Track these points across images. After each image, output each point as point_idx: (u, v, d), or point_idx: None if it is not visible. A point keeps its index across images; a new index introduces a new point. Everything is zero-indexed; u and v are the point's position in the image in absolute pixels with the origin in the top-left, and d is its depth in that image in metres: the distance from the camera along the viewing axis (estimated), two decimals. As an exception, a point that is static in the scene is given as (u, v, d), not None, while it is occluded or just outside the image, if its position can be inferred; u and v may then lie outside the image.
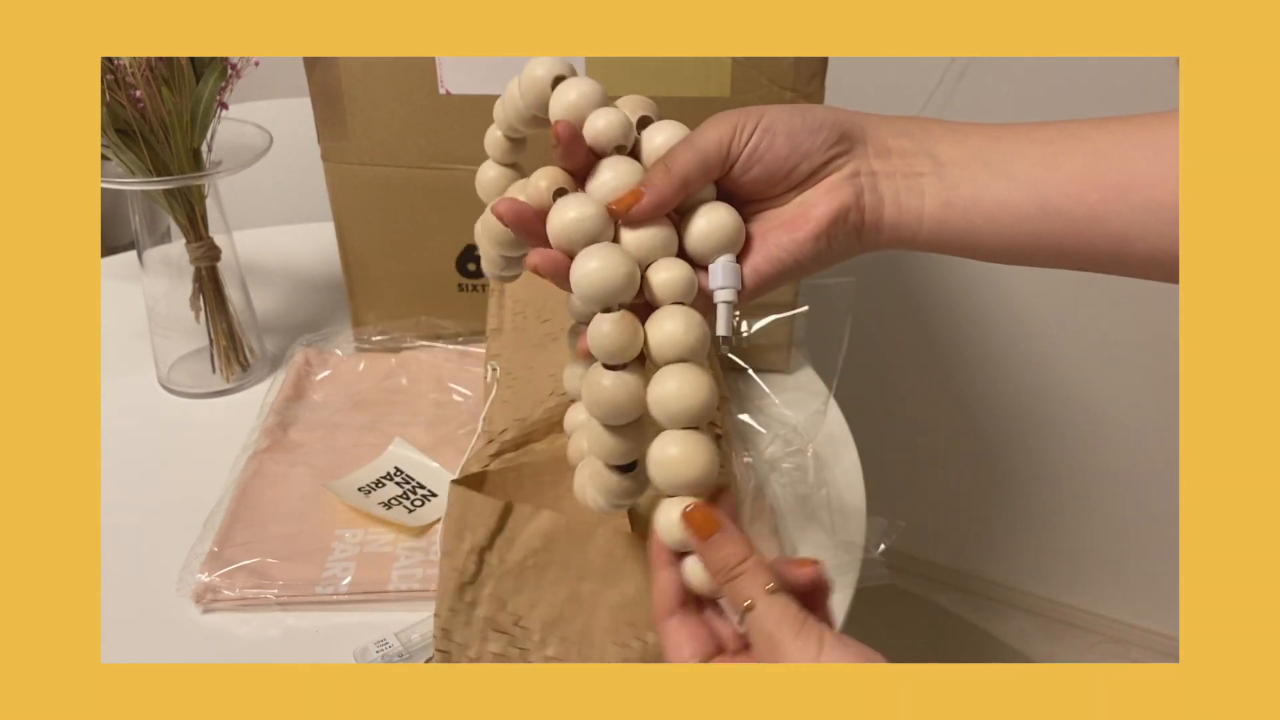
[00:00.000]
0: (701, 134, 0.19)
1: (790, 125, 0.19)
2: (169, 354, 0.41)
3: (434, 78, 0.36)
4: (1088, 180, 0.17)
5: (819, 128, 0.19)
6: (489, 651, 0.25)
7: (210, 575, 0.30)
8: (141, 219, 0.38)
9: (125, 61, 0.32)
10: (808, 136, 0.19)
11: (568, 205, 0.19)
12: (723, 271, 0.19)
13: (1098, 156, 0.17)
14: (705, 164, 0.19)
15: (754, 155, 0.19)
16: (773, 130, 0.19)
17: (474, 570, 0.26)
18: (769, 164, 0.19)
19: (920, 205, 0.19)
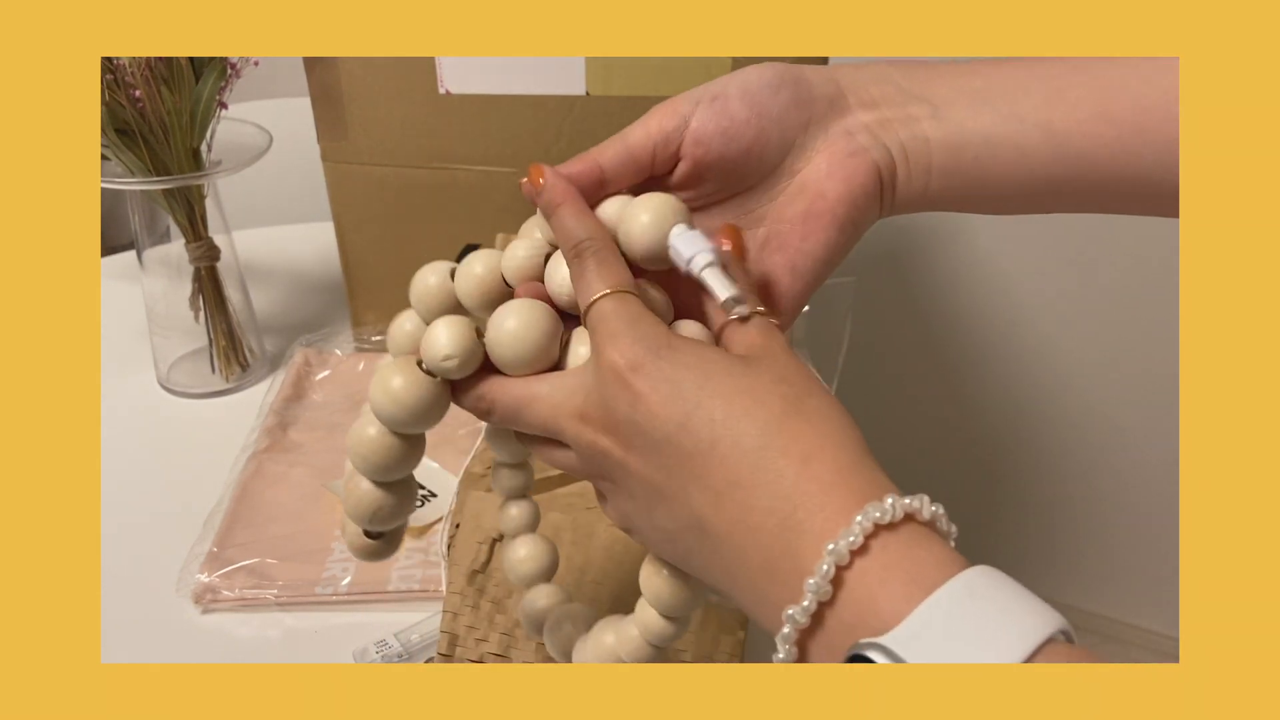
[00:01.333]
0: (634, 124, 0.17)
1: (744, 86, 0.16)
2: (168, 354, 0.41)
3: (434, 77, 0.36)
4: (1104, 119, 0.16)
5: (778, 85, 0.16)
6: (495, 635, 0.25)
7: (210, 575, 0.30)
8: (141, 219, 0.38)
9: (125, 61, 0.32)
10: (768, 96, 0.16)
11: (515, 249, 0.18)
12: (681, 242, 0.15)
13: (1111, 93, 0.16)
14: (630, 154, 0.17)
15: (705, 133, 0.16)
16: (724, 97, 0.16)
17: (485, 559, 0.26)
18: (730, 137, 0.16)
19: (927, 155, 0.16)
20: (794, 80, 0.17)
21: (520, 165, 0.38)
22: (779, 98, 0.16)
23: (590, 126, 0.37)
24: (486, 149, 0.38)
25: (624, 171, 0.17)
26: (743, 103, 0.16)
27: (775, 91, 0.16)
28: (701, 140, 0.17)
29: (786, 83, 0.16)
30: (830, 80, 0.17)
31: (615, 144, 0.17)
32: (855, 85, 0.17)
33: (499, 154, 0.38)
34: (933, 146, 0.17)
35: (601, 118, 0.36)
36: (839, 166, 0.16)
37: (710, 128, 0.16)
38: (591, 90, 0.36)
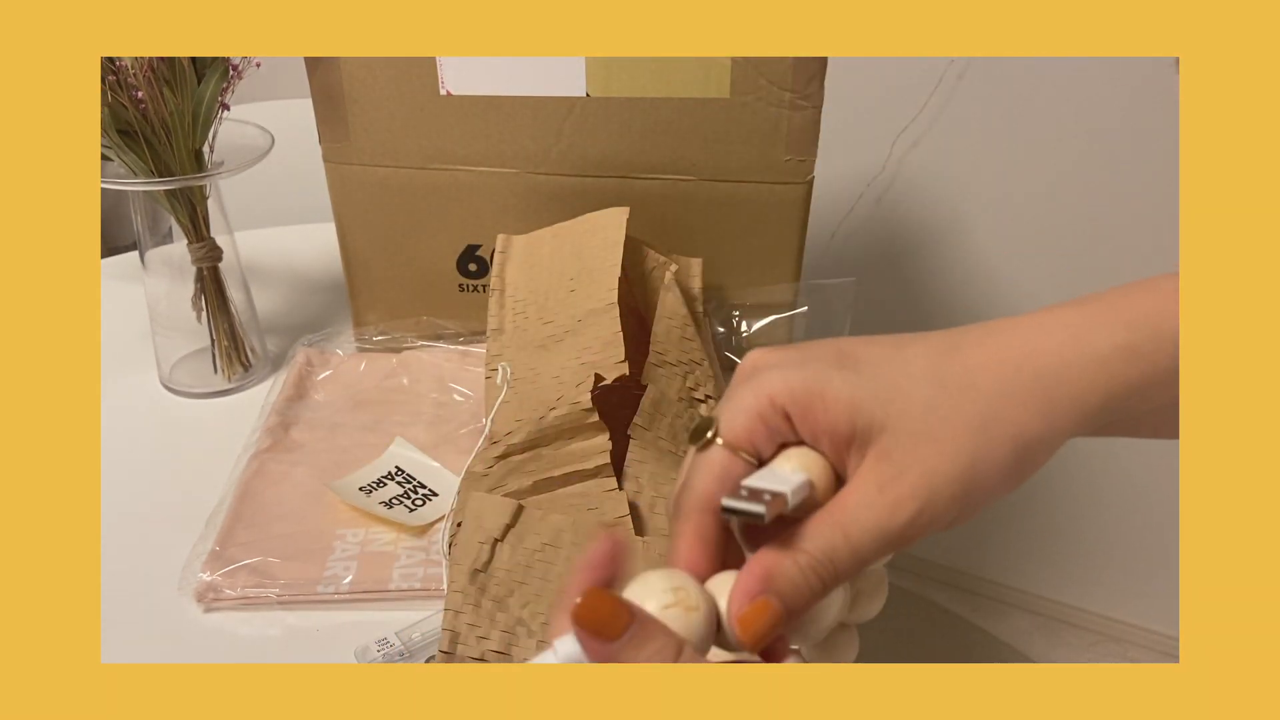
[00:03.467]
0: (895, 506, 0.15)
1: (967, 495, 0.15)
2: (171, 354, 0.41)
3: (435, 78, 0.36)
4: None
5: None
6: (496, 632, 0.25)
7: (212, 574, 0.30)
8: (143, 219, 0.38)
9: (127, 62, 0.32)
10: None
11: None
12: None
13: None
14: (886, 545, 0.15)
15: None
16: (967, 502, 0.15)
17: (486, 559, 0.26)
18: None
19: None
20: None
21: (521, 166, 0.38)
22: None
23: (590, 127, 0.37)
24: (487, 150, 0.38)
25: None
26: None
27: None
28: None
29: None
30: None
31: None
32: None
33: (500, 155, 0.38)
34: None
35: (602, 119, 0.36)
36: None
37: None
38: (592, 91, 0.36)
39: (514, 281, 0.36)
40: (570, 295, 0.34)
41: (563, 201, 0.38)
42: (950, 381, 0.16)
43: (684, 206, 0.38)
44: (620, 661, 0.14)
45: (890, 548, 0.15)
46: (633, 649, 0.14)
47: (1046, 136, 0.58)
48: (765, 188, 0.37)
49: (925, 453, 0.15)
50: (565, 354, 0.32)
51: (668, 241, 0.38)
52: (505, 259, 0.36)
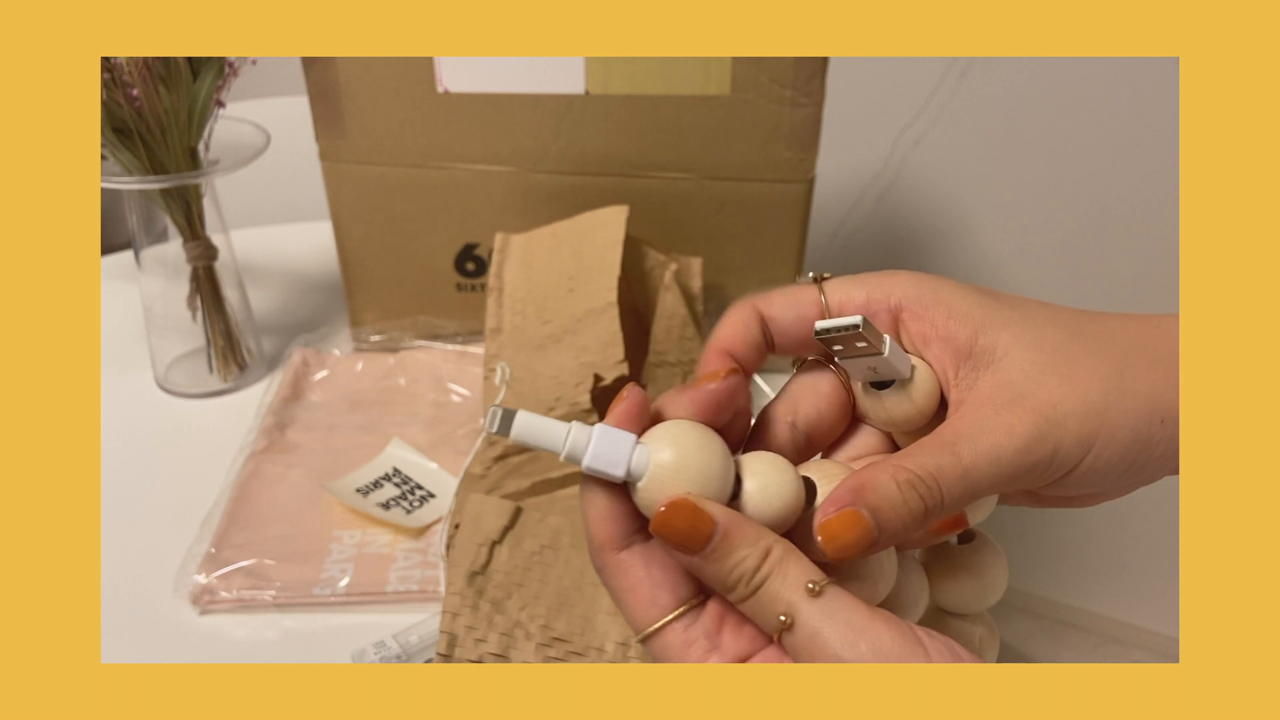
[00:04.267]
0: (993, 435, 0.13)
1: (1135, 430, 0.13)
2: (166, 354, 0.41)
3: (432, 76, 0.36)
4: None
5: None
6: (494, 635, 0.25)
7: (207, 577, 0.30)
8: (138, 218, 0.38)
9: (122, 60, 0.32)
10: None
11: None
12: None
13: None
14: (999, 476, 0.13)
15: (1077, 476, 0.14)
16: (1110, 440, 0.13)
17: (484, 561, 0.26)
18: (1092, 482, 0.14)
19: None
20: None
21: (519, 164, 0.38)
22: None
23: (589, 125, 0.37)
24: (485, 148, 0.38)
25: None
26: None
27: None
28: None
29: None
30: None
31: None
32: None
33: (498, 153, 0.38)
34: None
35: (601, 116, 0.36)
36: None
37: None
38: (591, 88, 0.36)
39: (512, 281, 0.36)
40: (569, 295, 0.34)
41: (561, 200, 0.38)
42: (1086, 332, 0.14)
43: (684, 205, 0.38)
44: (703, 571, 0.13)
45: (1004, 476, 0.13)
46: (715, 561, 0.13)
47: (1049, 135, 0.58)
48: (766, 186, 0.37)
49: (1050, 383, 0.14)
50: (564, 354, 0.32)
51: (667, 240, 0.38)
52: (503, 258, 0.36)
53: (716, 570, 0.13)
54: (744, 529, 0.13)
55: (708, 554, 0.13)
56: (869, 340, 0.14)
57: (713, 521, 0.13)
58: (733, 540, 0.13)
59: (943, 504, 0.13)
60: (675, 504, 0.13)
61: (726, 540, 0.13)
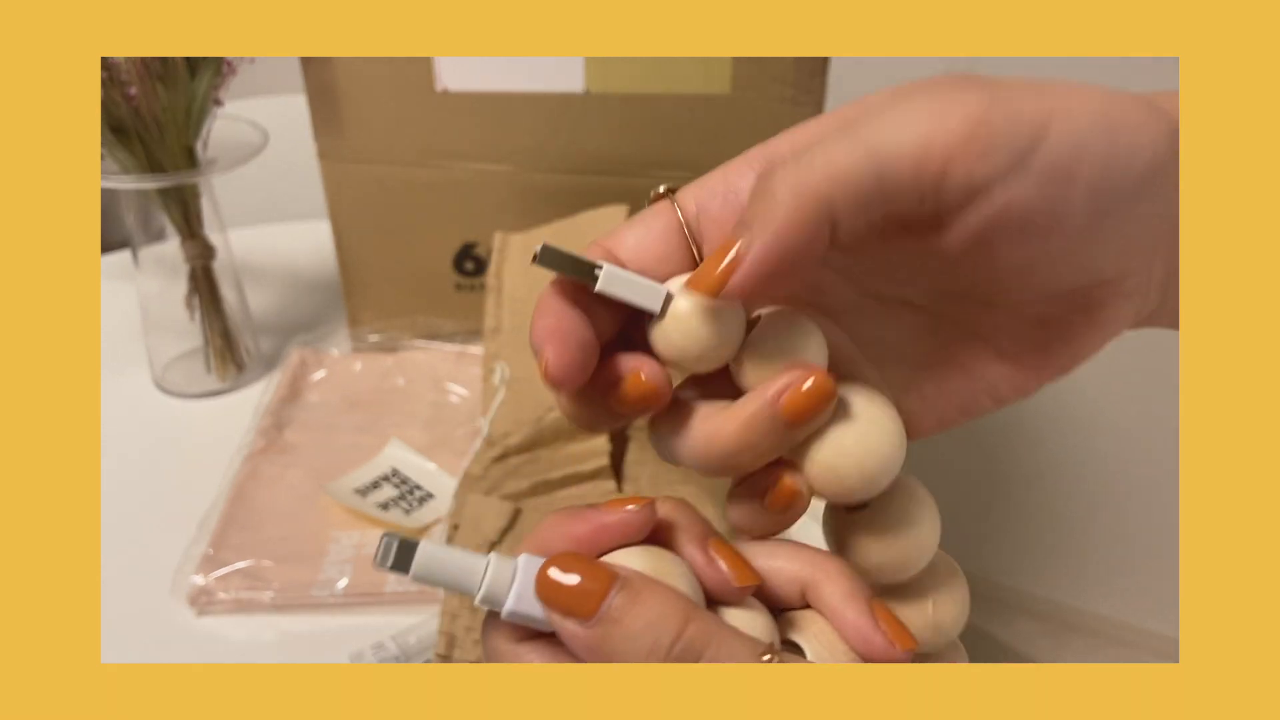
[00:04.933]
0: (882, 128, 0.10)
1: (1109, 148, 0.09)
2: (163, 354, 0.40)
3: (431, 75, 0.36)
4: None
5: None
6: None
7: (205, 578, 0.30)
8: (136, 217, 0.38)
9: (120, 59, 0.32)
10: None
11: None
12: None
13: None
14: (881, 189, 0.10)
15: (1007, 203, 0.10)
16: (1075, 150, 0.09)
17: None
18: (1040, 229, 0.10)
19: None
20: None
21: (519, 162, 0.38)
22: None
23: (589, 123, 0.37)
24: (484, 146, 0.38)
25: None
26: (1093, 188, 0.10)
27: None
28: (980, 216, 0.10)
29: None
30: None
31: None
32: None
33: (497, 151, 0.38)
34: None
35: (601, 115, 0.36)
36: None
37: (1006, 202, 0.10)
38: (590, 87, 0.36)
39: (512, 280, 0.36)
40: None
41: (561, 199, 0.38)
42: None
43: (682, 205, 0.38)
44: (604, 649, 0.10)
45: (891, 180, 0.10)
46: (614, 627, 0.10)
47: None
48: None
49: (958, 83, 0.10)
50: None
51: (666, 241, 0.38)
52: (503, 257, 0.36)
53: (625, 642, 0.10)
54: (653, 585, 0.10)
55: (602, 616, 0.10)
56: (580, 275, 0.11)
57: (611, 575, 0.10)
58: (641, 595, 0.10)
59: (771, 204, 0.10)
60: (564, 557, 0.10)
61: (633, 594, 0.10)
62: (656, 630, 0.10)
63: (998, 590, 0.75)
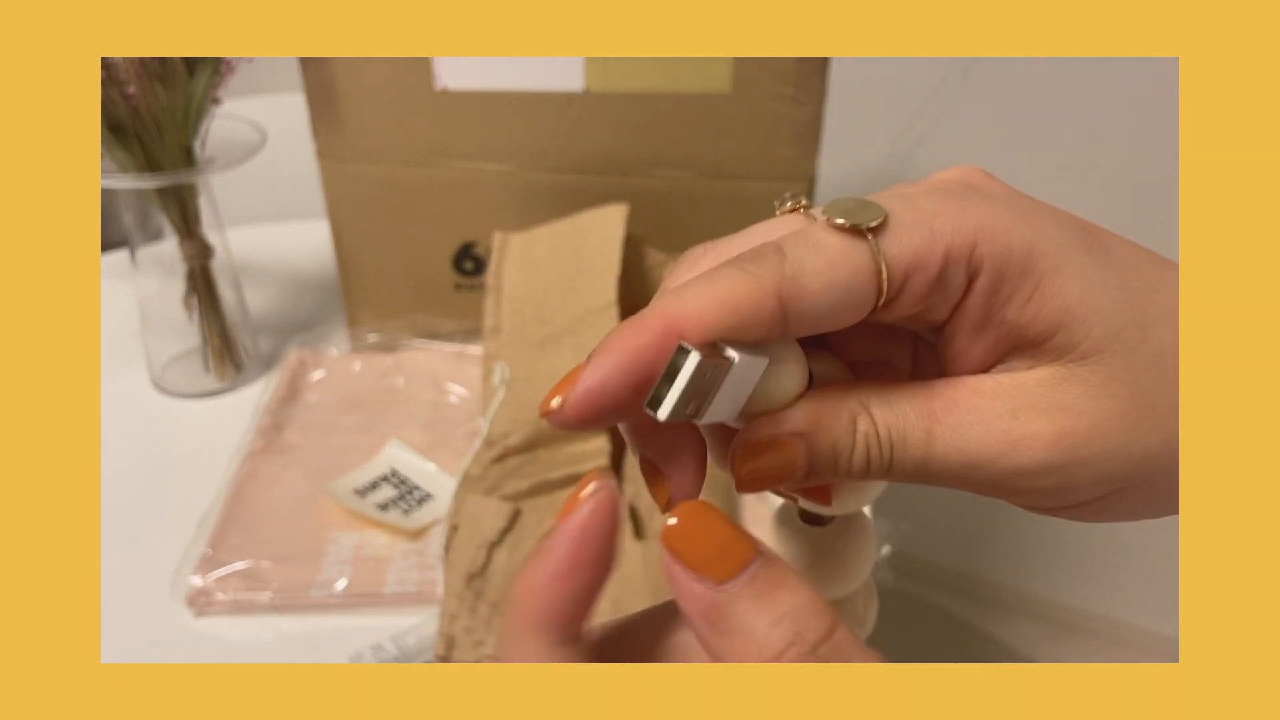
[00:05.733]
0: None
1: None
2: (162, 354, 0.40)
3: (430, 74, 0.36)
4: None
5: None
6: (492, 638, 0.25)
7: (204, 578, 0.30)
8: (134, 217, 0.38)
9: (117, 58, 0.31)
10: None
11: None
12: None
13: None
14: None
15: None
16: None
17: (483, 563, 0.26)
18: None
19: None
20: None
21: (518, 162, 0.38)
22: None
23: (589, 123, 0.36)
24: (484, 146, 0.38)
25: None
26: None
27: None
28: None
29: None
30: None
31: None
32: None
33: (496, 151, 0.38)
34: None
35: (601, 114, 0.36)
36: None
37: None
38: (590, 86, 0.36)
39: (511, 280, 0.36)
40: (569, 294, 0.34)
41: (561, 198, 0.38)
42: (1171, 374, 0.11)
43: (684, 204, 0.38)
44: (728, 622, 0.09)
45: (974, 483, 0.10)
46: (752, 601, 0.09)
47: (1050, 135, 0.58)
48: (767, 184, 0.37)
49: (1107, 413, 0.10)
50: (563, 354, 0.32)
51: (667, 239, 0.37)
52: (502, 257, 0.36)
53: (748, 621, 0.09)
54: (793, 571, 0.09)
55: (739, 587, 0.09)
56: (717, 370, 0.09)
57: (753, 546, 0.09)
58: (780, 576, 0.09)
59: (886, 474, 0.11)
60: (694, 509, 0.09)
61: (772, 573, 0.09)
62: (804, 621, 0.09)
63: (998, 591, 0.75)
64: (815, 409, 0.11)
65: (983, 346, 0.11)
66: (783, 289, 0.10)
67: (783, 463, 0.11)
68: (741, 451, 0.11)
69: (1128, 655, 0.72)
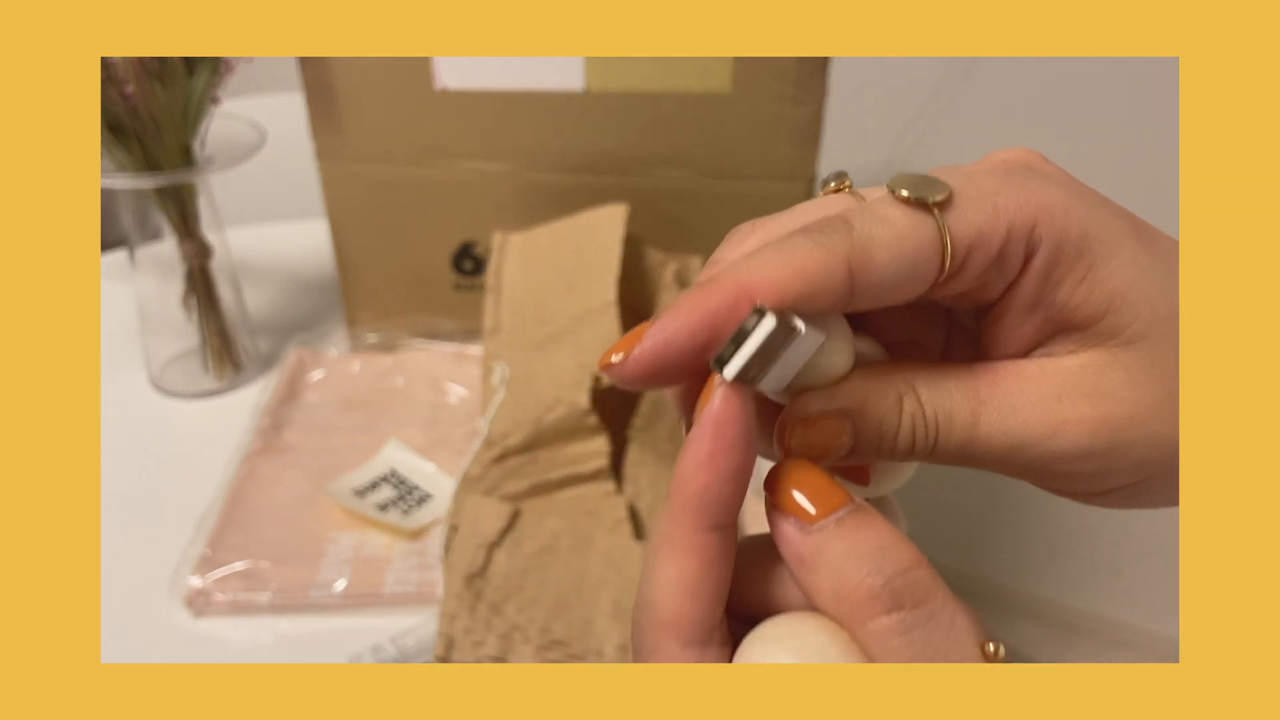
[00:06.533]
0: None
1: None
2: (160, 354, 0.40)
3: (429, 73, 0.36)
4: None
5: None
6: (492, 638, 0.25)
7: (202, 579, 0.30)
8: (133, 217, 0.38)
9: (117, 58, 0.31)
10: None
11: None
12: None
13: None
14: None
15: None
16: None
17: (482, 563, 0.26)
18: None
19: None
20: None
21: (518, 162, 0.38)
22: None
23: (589, 122, 0.36)
24: (483, 145, 0.38)
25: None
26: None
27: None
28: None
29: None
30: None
31: None
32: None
33: (496, 150, 0.38)
34: None
35: (600, 113, 0.36)
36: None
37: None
38: (590, 86, 0.36)
39: (511, 280, 0.36)
40: (568, 294, 0.34)
41: (561, 198, 0.38)
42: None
43: (684, 203, 0.38)
44: (818, 559, 0.10)
45: (1015, 467, 0.11)
46: (837, 540, 0.10)
47: (1050, 135, 0.58)
48: (767, 184, 0.37)
49: (1148, 398, 0.10)
50: (563, 354, 0.32)
51: (667, 239, 0.38)
52: (502, 257, 0.36)
53: (836, 555, 0.10)
54: (875, 513, 0.10)
55: (832, 525, 0.10)
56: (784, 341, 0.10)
57: (845, 492, 0.10)
58: (868, 517, 0.10)
59: (930, 455, 0.11)
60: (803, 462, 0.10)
61: (861, 513, 0.10)
62: (884, 556, 0.10)
63: (1000, 592, 0.75)
64: (863, 388, 0.11)
65: (1030, 327, 0.11)
66: (852, 259, 0.10)
67: (830, 439, 0.11)
68: (791, 425, 0.11)
69: (1130, 656, 0.72)
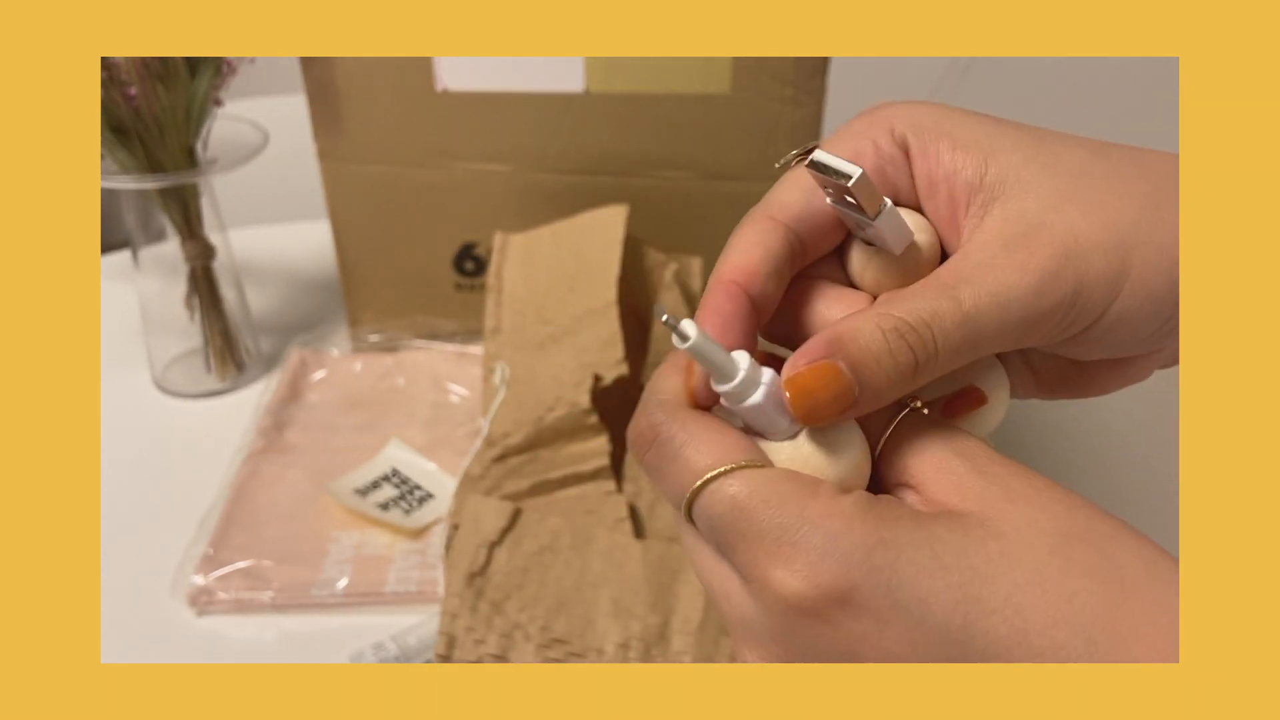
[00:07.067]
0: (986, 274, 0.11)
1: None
2: (163, 354, 0.40)
3: (431, 75, 0.36)
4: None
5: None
6: (493, 636, 0.25)
7: (205, 578, 0.30)
8: (136, 218, 0.38)
9: (119, 59, 0.32)
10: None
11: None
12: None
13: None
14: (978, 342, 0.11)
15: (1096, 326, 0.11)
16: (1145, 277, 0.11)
17: (483, 562, 0.26)
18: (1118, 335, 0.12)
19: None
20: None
21: (518, 163, 0.38)
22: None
23: (589, 123, 0.36)
24: (484, 146, 0.38)
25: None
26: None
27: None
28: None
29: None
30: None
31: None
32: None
33: (497, 151, 0.38)
34: None
35: (601, 115, 0.36)
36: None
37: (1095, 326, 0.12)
38: (591, 87, 0.36)
39: (512, 280, 0.36)
40: (569, 294, 0.34)
41: (561, 199, 0.38)
42: (1114, 156, 0.12)
43: (684, 204, 0.38)
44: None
45: (1013, 324, 0.11)
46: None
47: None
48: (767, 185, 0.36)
49: (1071, 211, 0.11)
50: (564, 354, 0.32)
51: (667, 240, 0.38)
52: (503, 257, 0.36)
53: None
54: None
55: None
56: (859, 201, 0.11)
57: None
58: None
59: (937, 356, 0.11)
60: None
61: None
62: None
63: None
64: (834, 328, 0.12)
65: (944, 207, 0.13)
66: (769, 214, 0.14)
67: (833, 385, 0.11)
68: (792, 390, 0.11)
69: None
